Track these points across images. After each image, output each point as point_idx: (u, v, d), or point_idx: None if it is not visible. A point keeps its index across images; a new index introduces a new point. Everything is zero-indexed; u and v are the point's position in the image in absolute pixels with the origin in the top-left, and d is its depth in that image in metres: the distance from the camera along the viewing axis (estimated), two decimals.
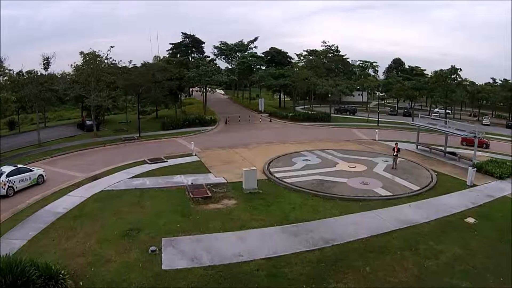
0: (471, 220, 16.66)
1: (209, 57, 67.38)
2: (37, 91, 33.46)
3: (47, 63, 38.65)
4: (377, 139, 36.44)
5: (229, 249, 13.16)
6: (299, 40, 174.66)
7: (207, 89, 51.47)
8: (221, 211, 16.73)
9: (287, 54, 73.09)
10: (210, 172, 23.33)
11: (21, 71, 36.26)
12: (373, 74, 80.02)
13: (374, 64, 79.58)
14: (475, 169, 22.60)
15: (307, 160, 26.61)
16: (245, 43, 68.58)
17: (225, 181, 21.30)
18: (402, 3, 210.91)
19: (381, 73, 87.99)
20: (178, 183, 20.92)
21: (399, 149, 25.10)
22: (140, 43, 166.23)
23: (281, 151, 29.55)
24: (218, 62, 69.20)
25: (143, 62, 49.65)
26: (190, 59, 59.51)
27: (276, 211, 16.88)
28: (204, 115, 47.33)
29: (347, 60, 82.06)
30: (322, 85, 57.25)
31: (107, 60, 37.22)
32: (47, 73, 38.87)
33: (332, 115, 54.34)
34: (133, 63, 44.71)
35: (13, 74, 35.15)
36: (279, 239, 14.07)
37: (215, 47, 70.17)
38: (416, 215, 16.81)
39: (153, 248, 12.89)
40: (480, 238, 14.94)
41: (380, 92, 73.63)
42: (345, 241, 13.99)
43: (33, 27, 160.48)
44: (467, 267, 12.76)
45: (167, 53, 72.54)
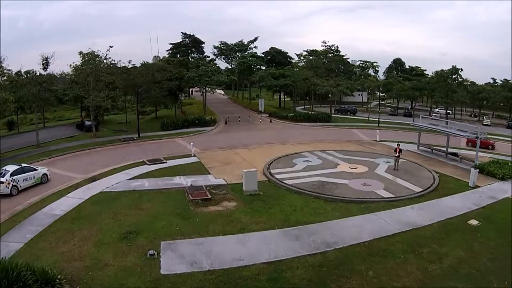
0: (474, 222, 16.47)
1: (209, 57, 67.36)
2: (36, 91, 33.26)
3: (46, 63, 38.52)
4: (378, 140, 36.24)
5: (229, 253, 12.92)
6: (299, 40, 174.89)
7: (207, 89, 51.22)
8: (221, 214, 16.49)
9: (287, 54, 73.11)
10: (209, 173, 23.11)
11: (19, 71, 36.03)
12: (374, 74, 79.96)
13: (374, 64, 79.59)
14: (477, 170, 22.39)
15: (308, 161, 26.38)
16: (245, 43, 68.35)
17: (225, 183, 21.08)
18: (401, 3, 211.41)
19: (381, 73, 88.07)
20: (177, 184, 20.69)
21: (400, 150, 24.86)
22: (140, 43, 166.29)
23: (282, 151, 29.33)
24: (218, 62, 69.16)
25: (143, 62, 49.45)
26: (189, 59, 59.22)
27: (276, 213, 16.64)
28: (204, 115, 47.08)
29: (347, 60, 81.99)
30: (322, 85, 57.09)
31: (106, 60, 36.95)
32: (46, 73, 38.78)
33: (332, 115, 54.22)
34: (133, 63, 44.55)
35: (12, 74, 35.03)
36: (280, 242, 13.82)
37: (215, 47, 70.07)
38: (419, 218, 16.58)
39: (151, 252, 12.66)
40: (483, 240, 14.76)
41: (380, 92, 73.42)
42: (347, 244, 13.76)
43: (33, 27, 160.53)
44: (471, 270, 12.57)
45: (167, 53, 72.63)
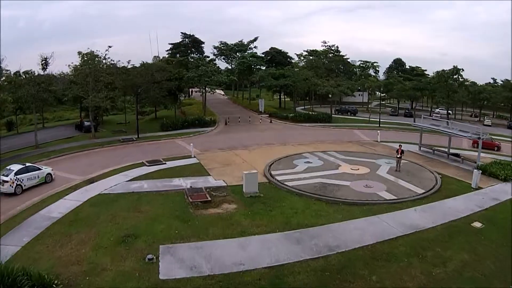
0: (477, 224, 16.23)
1: (209, 57, 67.10)
2: (35, 91, 33.04)
3: (45, 63, 38.32)
4: (379, 140, 36.00)
5: (230, 257, 12.66)
6: (298, 40, 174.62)
7: (207, 89, 50.99)
8: (221, 216, 16.22)
9: (287, 54, 72.86)
10: (209, 174, 22.85)
11: (18, 72, 35.79)
12: (374, 74, 79.78)
13: (375, 64, 79.41)
14: (480, 172, 22.12)
15: (309, 162, 26.11)
16: (245, 43, 68.16)
17: (225, 184, 20.81)
18: (401, 3, 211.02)
19: (382, 73, 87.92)
20: (177, 186, 20.44)
21: (402, 151, 24.60)
22: (139, 43, 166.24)
23: (282, 152, 29.06)
24: (217, 62, 68.96)
25: (142, 62, 49.24)
26: (189, 59, 58.98)
27: (277, 216, 16.37)
28: (203, 116, 46.85)
29: (348, 60, 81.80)
30: (323, 85, 56.87)
31: (105, 60, 36.72)
32: (45, 73, 38.55)
33: (333, 115, 54.00)
34: (133, 63, 44.38)
35: (11, 74, 34.81)
36: (282, 246, 13.56)
37: (215, 47, 69.88)
38: (422, 220, 16.33)
39: (150, 256, 12.40)
40: (487, 243, 14.53)
41: (381, 92, 73.22)
42: (350, 248, 13.50)
43: (33, 27, 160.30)
44: (476, 274, 12.36)
45: (167, 53, 72.38)
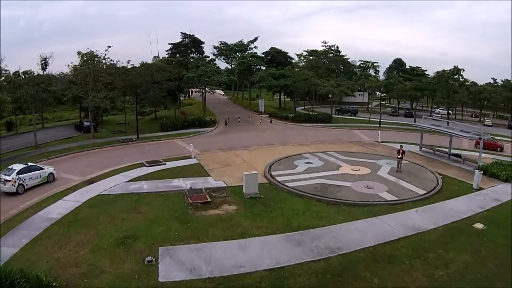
0: (479, 225, 16.11)
1: (209, 57, 66.97)
2: (34, 91, 32.90)
3: (45, 63, 38.22)
4: (380, 141, 35.87)
5: (230, 259, 12.50)
6: (298, 40, 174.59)
7: (207, 89, 50.85)
8: (221, 218, 16.07)
9: (287, 54, 72.69)
10: (209, 175, 22.72)
11: (17, 72, 35.67)
12: (374, 74, 79.66)
13: (375, 64, 79.30)
14: (481, 172, 21.99)
15: (309, 162, 25.96)
16: (245, 43, 68.07)
17: (225, 185, 20.66)
18: (401, 3, 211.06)
19: (382, 73, 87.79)
20: (176, 187, 20.29)
21: (403, 152, 24.47)
22: (139, 43, 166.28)
23: (282, 153, 28.93)
24: (217, 62, 68.86)
25: (142, 62, 49.12)
26: (189, 59, 58.88)
27: (278, 217, 16.22)
28: (203, 116, 46.70)
29: (348, 60, 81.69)
30: (323, 85, 56.74)
31: (104, 60, 36.59)
32: (44, 73, 38.43)
33: (333, 116, 53.84)
34: (132, 63, 44.32)
35: (10, 74, 34.68)
36: (282, 248, 13.41)
37: (215, 47, 69.81)
38: (423, 221, 16.20)
39: (149, 258, 12.25)
40: (489, 244, 14.40)
41: (381, 92, 73.09)
42: (351, 250, 13.35)
43: (33, 27, 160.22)
44: (478, 276, 12.23)
45: (166, 53, 72.27)
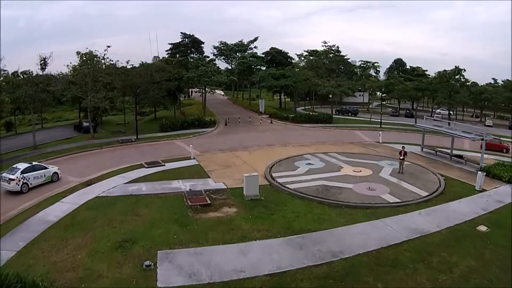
0: (483, 228, 15.90)
1: (209, 57, 66.64)
2: (33, 91, 32.65)
3: (44, 63, 37.99)
4: (381, 142, 35.61)
5: (230, 263, 12.23)
6: (298, 40, 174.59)
7: (207, 89, 50.58)
8: (221, 220, 15.79)
9: (288, 54, 72.35)
10: (209, 177, 22.45)
11: (16, 72, 35.43)
12: (375, 74, 79.40)
13: (375, 64, 79.05)
14: (484, 174, 21.76)
15: (311, 164, 25.69)
16: (245, 43, 67.76)
17: (225, 187, 20.39)
18: (401, 3, 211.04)
19: (382, 73, 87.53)
20: (176, 189, 20.00)
21: (405, 153, 24.21)
22: (139, 44, 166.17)
23: (283, 154, 28.66)
24: (217, 62, 68.51)
25: (141, 62, 48.86)
26: (189, 59, 58.60)
27: (279, 220, 15.95)
28: (203, 116, 46.44)
29: (348, 60, 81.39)
30: (323, 85, 56.47)
31: (104, 60, 36.34)
32: (44, 73, 38.19)
33: (333, 116, 53.53)
34: (132, 63, 44.05)
35: (9, 74, 34.45)
36: (284, 252, 13.14)
37: (215, 47, 69.54)
38: (426, 224, 15.96)
39: (147, 262, 11.98)
40: (493, 247, 14.19)
41: (382, 93, 72.80)
42: (354, 253, 13.09)
43: (33, 27, 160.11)
44: (483, 280, 12.01)
45: (166, 53, 71.93)
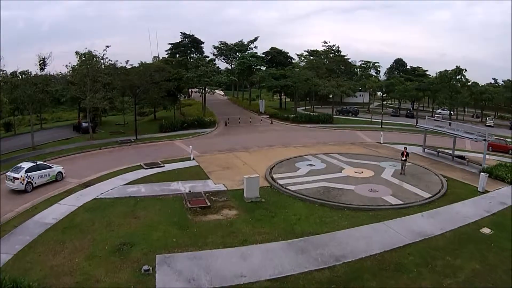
0: (486, 230, 15.66)
1: (209, 57, 66.28)
2: (31, 92, 32.38)
3: (43, 63, 37.74)
4: (382, 142, 35.34)
5: (230, 268, 11.97)
6: (297, 40, 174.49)
7: (206, 90, 50.31)
8: (221, 223, 15.54)
9: (288, 54, 72.03)
10: (209, 178, 22.17)
11: (14, 72, 35.14)
12: (375, 74, 79.18)
13: (376, 64, 78.80)
14: (487, 175, 21.49)
15: (312, 165, 25.41)
16: (245, 43, 67.47)
17: (225, 189, 20.13)
18: (400, 4, 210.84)
19: (382, 73, 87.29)
20: (175, 190, 19.74)
21: (407, 154, 23.94)
22: (139, 44, 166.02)
23: (284, 155, 28.40)
24: (217, 62, 68.26)
25: (140, 62, 48.54)
26: (189, 59, 58.32)
27: (280, 223, 15.70)
28: (203, 116, 46.15)
29: (348, 60, 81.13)
30: (324, 86, 56.21)
31: (103, 60, 36.07)
32: (43, 73, 37.93)
33: (334, 116, 53.27)
34: (132, 63, 43.72)
35: (7, 74, 34.16)
36: (285, 256, 12.88)
37: (215, 47, 69.34)
38: (430, 226, 15.70)
39: (146, 267, 11.71)
40: (497, 250, 13.98)
41: (382, 93, 72.59)
42: (357, 258, 12.83)
43: (33, 28, 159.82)
44: (487, 284, 11.79)
45: (166, 53, 71.63)
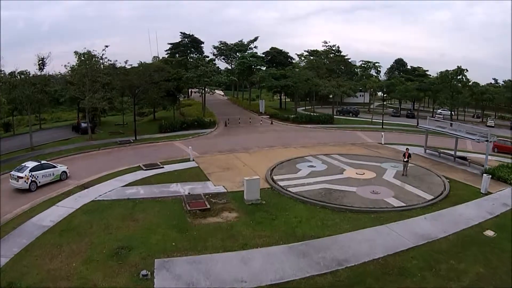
0: (490, 233, 15.46)
1: (208, 57, 65.98)
2: (29, 92, 32.12)
3: (42, 63, 37.50)
4: (383, 143, 35.09)
5: (230, 273, 11.72)
6: (298, 40, 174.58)
7: (206, 90, 50.05)
8: (221, 226, 15.28)
9: (288, 54, 71.74)
10: (208, 179, 21.90)
11: (13, 72, 34.90)
12: (376, 74, 78.96)
13: (376, 64, 78.56)
14: (490, 177, 21.26)
15: (312, 166, 25.14)
16: (245, 43, 67.18)
17: (225, 190, 19.86)
18: (399, 4, 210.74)
19: (382, 73, 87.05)
20: (174, 192, 19.48)
21: (409, 155, 23.66)
22: (139, 44, 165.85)
23: (284, 155, 28.15)
24: (217, 62, 67.92)
25: (140, 62, 48.25)
26: (188, 59, 58.02)
27: (281, 225, 15.45)
28: (203, 117, 45.90)
29: (349, 60, 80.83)
30: (324, 86, 55.96)
31: (102, 60, 35.80)
32: (42, 73, 37.70)
33: (334, 116, 53.04)
34: (131, 63, 43.40)
35: (6, 74, 33.93)
36: (286, 260, 12.62)
37: (215, 47, 69.05)
38: (433, 229, 15.47)
39: (144, 272, 11.47)
40: (500, 253, 13.81)
41: (383, 93, 72.35)
42: (359, 262, 12.59)
43: (33, 28, 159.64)
44: None
45: (166, 53, 71.32)
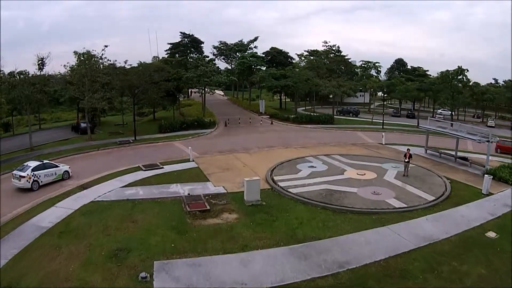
0: (492, 234, 15.34)
1: (208, 57, 65.82)
2: (29, 92, 32.01)
3: (42, 63, 37.42)
4: (384, 143, 34.96)
5: (230, 275, 11.58)
6: (298, 40, 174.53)
7: (206, 90, 49.93)
8: (220, 227, 15.15)
9: (288, 54, 71.60)
10: (208, 180, 21.78)
11: (12, 72, 34.81)
12: (376, 74, 78.87)
13: (376, 64, 78.45)
14: (491, 177, 21.14)
15: (313, 166, 25.00)
16: (245, 43, 67.06)
17: (225, 191, 19.72)
18: (398, 4, 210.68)
19: (382, 73, 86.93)
20: (174, 193, 19.35)
21: (410, 155, 23.53)
22: (139, 44, 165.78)
23: (285, 156, 28.03)
24: (217, 62, 67.80)
25: (139, 62, 48.13)
26: (188, 59, 57.88)
27: (281, 227, 15.31)
28: (202, 117, 45.79)
29: (349, 60, 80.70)
30: (325, 86, 55.84)
31: (101, 60, 35.69)
32: (41, 73, 37.62)
33: (334, 117, 52.92)
34: (131, 63, 43.29)
35: (5, 74, 33.84)
36: (287, 262, 12.48)
37: (215, 47, 68.94)
38: (434, 230, 15.34)
39: (143, 274, 11.33)
40: (502, 254, 13.68)
41: (383, 93, 72.25)
42: (361, 264, 12.44)
43: (32, 28, 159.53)
44: None
45: (166, 53, 71.20)
